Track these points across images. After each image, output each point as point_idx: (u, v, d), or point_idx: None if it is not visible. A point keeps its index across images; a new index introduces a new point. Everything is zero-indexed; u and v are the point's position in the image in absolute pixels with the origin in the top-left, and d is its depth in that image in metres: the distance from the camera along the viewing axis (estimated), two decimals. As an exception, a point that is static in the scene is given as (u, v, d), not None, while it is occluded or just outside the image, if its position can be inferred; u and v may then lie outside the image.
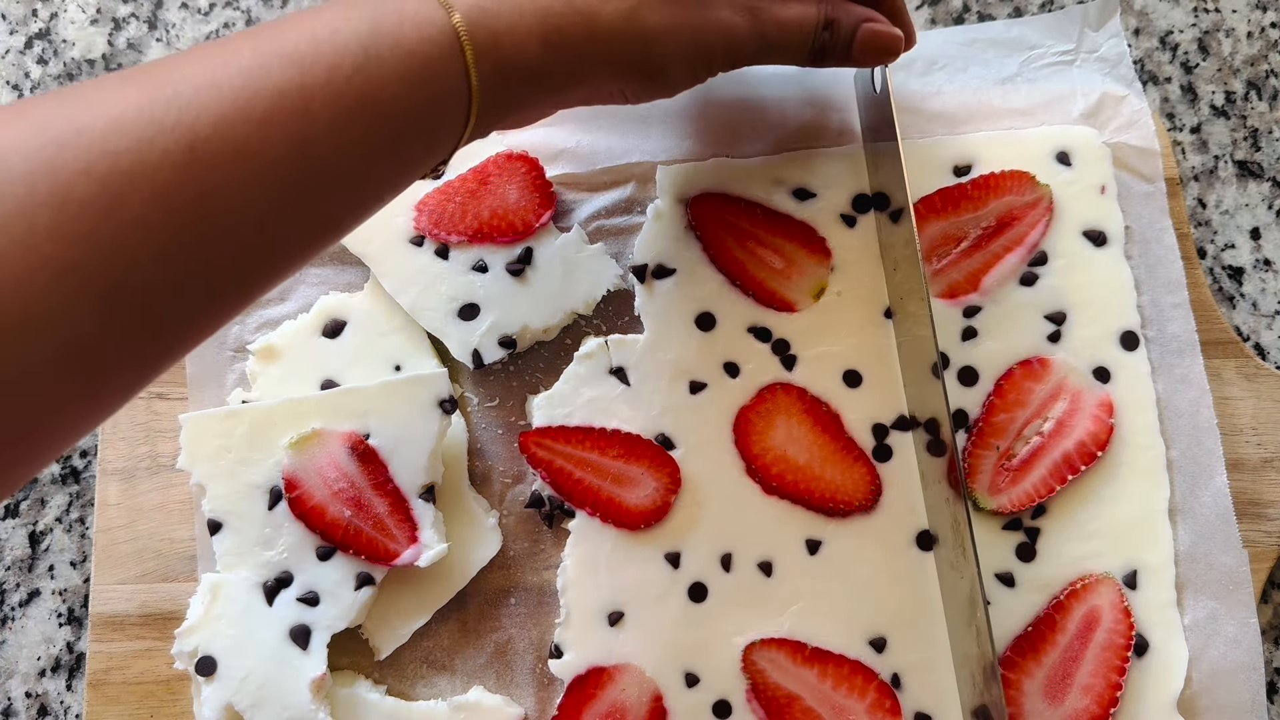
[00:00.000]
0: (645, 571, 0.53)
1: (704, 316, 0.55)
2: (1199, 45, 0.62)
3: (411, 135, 0.39)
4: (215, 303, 0.36)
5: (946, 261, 0.55)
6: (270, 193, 0.35)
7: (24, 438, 0.32)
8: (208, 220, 0.33)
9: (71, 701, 0.55)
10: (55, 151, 0.31)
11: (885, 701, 0.51)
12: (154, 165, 0.32)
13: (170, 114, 0.33)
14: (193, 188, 0.33)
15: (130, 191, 0.32)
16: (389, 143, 0.38)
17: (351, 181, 0.37)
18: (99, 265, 0.31)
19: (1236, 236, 0.59)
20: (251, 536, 0.51)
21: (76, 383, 0.32)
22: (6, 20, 0.63)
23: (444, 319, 0.55)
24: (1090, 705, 0.50)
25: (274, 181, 0.35)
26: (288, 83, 0.35)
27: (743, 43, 0.46)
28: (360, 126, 0.36)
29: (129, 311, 0.32)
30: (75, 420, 0.34)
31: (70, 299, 0.31)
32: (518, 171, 0.56)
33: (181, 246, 0.33)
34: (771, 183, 0.57)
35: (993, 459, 0.53)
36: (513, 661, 0.53)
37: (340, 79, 0.36)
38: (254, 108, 0.34)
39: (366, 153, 0.37)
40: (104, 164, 0.32)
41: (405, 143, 0.39)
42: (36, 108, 0.33)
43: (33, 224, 0.30)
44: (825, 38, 0.48)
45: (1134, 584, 0.52)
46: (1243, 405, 0.55)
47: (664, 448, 0.54)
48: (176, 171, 0.32)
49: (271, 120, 0.34)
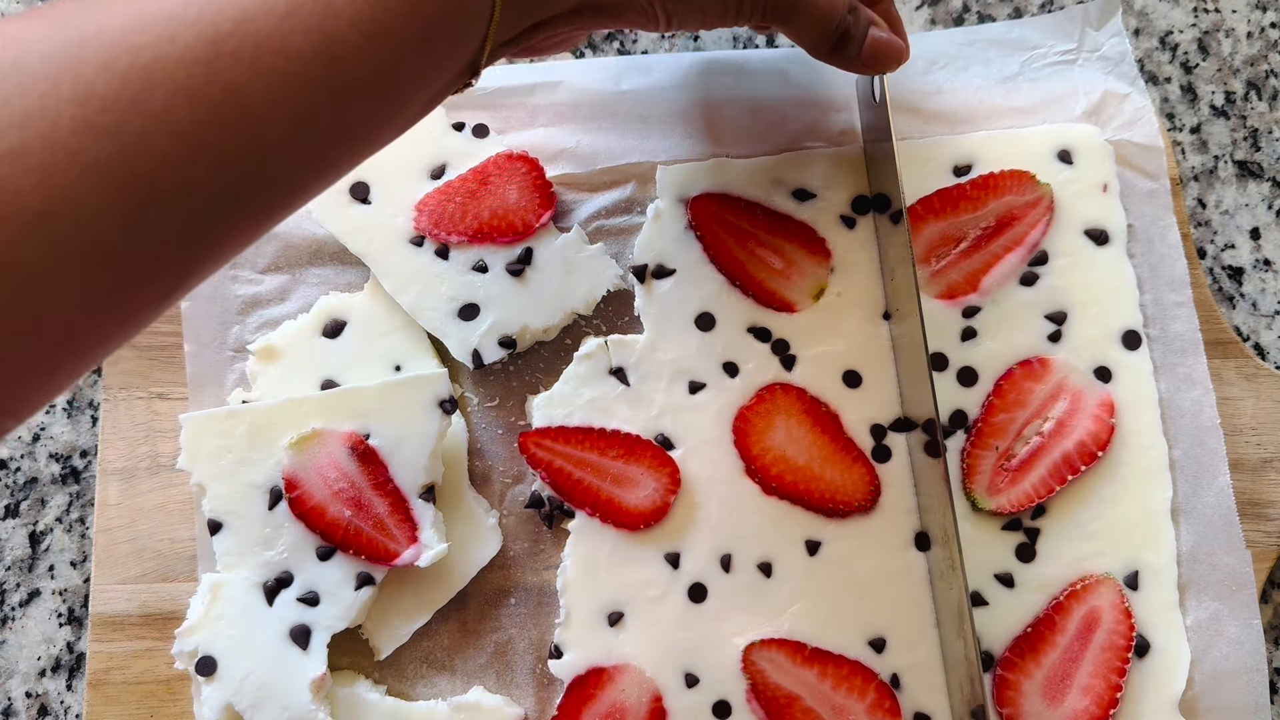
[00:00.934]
0: (645, 572, 0.53)
1: (704, 317, 0.55)
2: (1199, 45, 0.62)
3: (438, 28, 0.37)
4: (243, 212, 0.35)
5: (945, 262, 0.55)
6: (297, 91, 0.34)
7: (43, 346, 0.31)
8: (234, 119, 0.32)
9: (71, 701, 0.55)
10: (76, 48, 0.31)
11: (885, 701, 0.51)
12: (176, 60, 0.31)
13: (191, 9, 0.32)
14: (217, 84, 0.32)
15: (153, 87, 0.31)
16: (415, 36, 0.37)
17: (380, 81, 0.36)
18: (124, 161, 0.30)
19: (1236, 236, 0.59)
20: (251, 536, 0.51)
21: (100, 286, 0.31)
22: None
23: (444, 319, 0.55)
24: (1090, 706, 0.50)
25: (300, 80, 0.34)
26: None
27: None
28: (385, 17, 0.35)
29: (156, 214, 0.31)
30: (97, 332, 0.33)
31: (95, 195, 0.30)
32: (518, 172, 0.56)
33: (208, 146, 0.32)
34: (771, 183, 0.57)
35: (992, 459, 0.53)
36: (513, 662, 0.53)
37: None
38: (275, 2, 0.33)
39: (393, 47, 0.36)
40: (125, 59, 0.31)
41: (432, 37, 0.37)
42: (55, 8, 0.32)
43: (56, 118, 0.30)
44: (850, 21, 0.48)
45: (1136, 584, 0.52)
46: (1243, 405, 0.55)
47: (664, 448, 0.54)
48: (199, 67, 0.32)
49: (294, 15, 0.34)
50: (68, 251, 0.30)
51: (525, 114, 0.58)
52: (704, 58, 0.59)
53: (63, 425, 0.58)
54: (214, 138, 0.32)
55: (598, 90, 0.58)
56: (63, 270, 0.30)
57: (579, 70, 0.58)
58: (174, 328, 0.56)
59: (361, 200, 0.56)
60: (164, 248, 0.33)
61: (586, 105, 0.58)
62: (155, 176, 0.31)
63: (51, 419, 0.58)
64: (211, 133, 0.32)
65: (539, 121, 0.58)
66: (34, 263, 0.30)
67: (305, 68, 0.34)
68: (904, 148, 0.57)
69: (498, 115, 0.58)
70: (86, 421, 0.58)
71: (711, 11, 0.46)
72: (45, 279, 0.30)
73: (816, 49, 0.49)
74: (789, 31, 0.48)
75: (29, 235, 0.29)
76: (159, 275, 0.33)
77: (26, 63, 0.30)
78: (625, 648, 0.52)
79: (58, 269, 0.30)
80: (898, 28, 0.51)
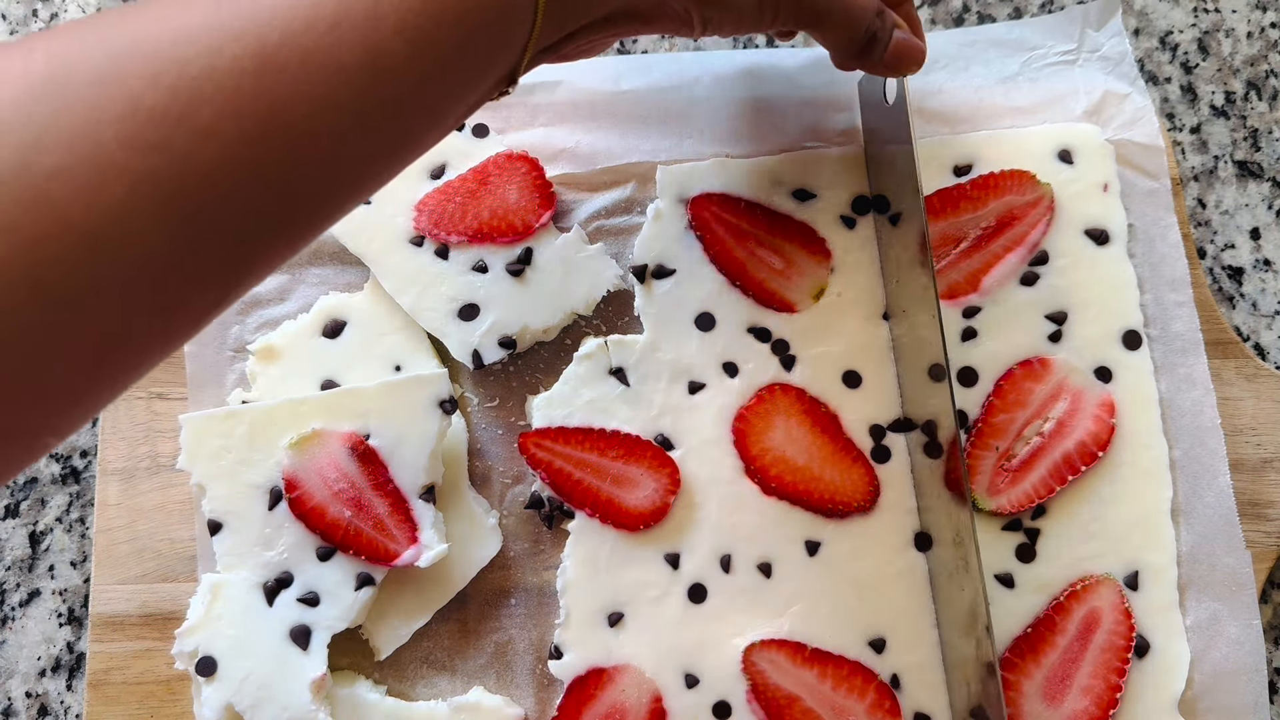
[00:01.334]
0: (645, 572, 0.53)
1: (703, 317, 0.55)
2: (1199, 45, 0.62)
3: (481, 37, 0.37)
4: (289, 224, 0.35)
5: (946, 262, 0.55)
6: (343, 103, 0.34)
7: (90, 362, 0.31)
8: (281, 132, 0.32)
9: (71, 701, 0.55)
10: (123, 61, 0.30)
11: (885, 702, 0.51)
12: (223, 73, 0.31)
13: (237, 22, 0.32)
14: (264, 98, 0.32)
15: (200, 100, 0.31)
16: (458, 45, 0.37)
17: (423, 90, 0.36)
18: (173, 175, 0.30)
19: (1236, 236, 0.59)
20: (251, 537, 0.51)
21: (148, 302, 0.31)
22: (6, 20, 0.63)
23: (444, 319, 0.55)
24: (1089, 706, 0.50)
25: (347, 91, 0.34)
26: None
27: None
28: (429, 26, 0.35)
29: (206, 226, 0.31)
30: (144, 347, 0.33)
31: (145, 210, 0.30)
32: (518, 171, 0.56)
33: (256, 159, 0.32)
34: (771, 183, 0.57)
35: (992, 459, 0.53)
36: (513, 662, 0.53)
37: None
38: (321, 15, 0.33)
39: (437, 56, 0.36)
40: (172, 72, 0.31)
41: (474, 45, 0.37)
42: (100, 21, 0.32)
43: (102, 133, 0.30)
44: (878, 24, 0.48)
45: (1136, 585, 0.52)
46: (1243, 405, 0.55)
47: (663, 448, 0.54)
48: (246, 80, 0.32)
49: (339, 26, 0.33)
50: (116, 268, 0.30)
51: (525, 114, 0.58)
52: (704, 58, 0.59)
53: (63, 425, 0.58)
54: (261, 151, 0.32)
55: (598, 90, 0.58)
56: (111, 287, 0.30)
57: (579, 70, 0.58)
58: (174, 328, 0.56)
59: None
60: (211, 261, 0.32)
61: (586, 105, 0.58)
62: (203, 191, 0.31)
63: (51, 419, 0.58)
64: (258, 146, 0.32)
65: (539, 121, 0.58)
66: (83, 280, 0.29)
67: (351, 79, 0.34)
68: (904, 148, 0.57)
69: (498, 115, 0.58)
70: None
71: (747, 17, 0.46)
72: (94, 296, 0.30)
73: (844, 52, 0.49)
74: (818, 36, 0.48)
75: (77, 253, 0.29)
76: (206, 288, 0.33)
77: (73, 78, 0.30)
78: (625, 648, 0.52)
79: (106, 285, 0.30)
80: (917, 29, 0.51)
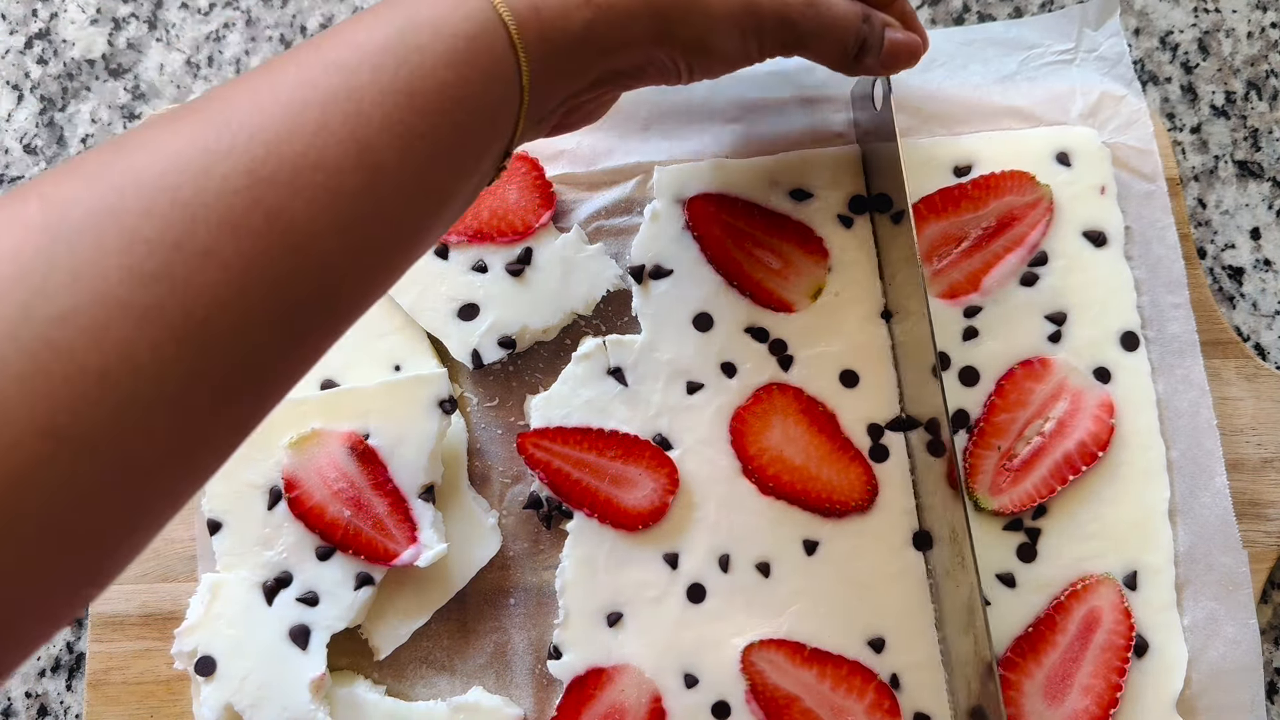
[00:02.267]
0: (643, 572, 0.53)
1: (701, 317, 0.55)
2: (1199, 45, 0.62)
3: (469, 120, 0.38)
4: (303, 333, 0.34)
5: (947, 262, 0.55)
6: (339, 204, 0.33)
7: (126, 502, 0.30)
8: (280, 243, 0.32)
9: (71, 701, 0.55)
10: (116, 197, 0.30)
11: (884, 702, 0.51)
12: (215, 193, 0.31)
13: (224, 140, 0.32)
14: (259, 210, 0.32)
15: (195, 223, 0.31)
16: (448, 132, 0.37)
17: (419, 181, 0.36)
18: (177, 304, 0.30)
19: (1236, 236, 0.59)
20: (251, 536, 0.52)
21: (171, 435, 0.30)
22: (6, 20, 0.63)
23: (444, 319, 0.55)
24: (1090, 706, 0.50)
25: (340, 192, 0.33)
26: (335, 89, 0.34)
27: (795, 18, 0.45)
28: (415, 118, 0.35)
29: (216, 352, 0.31)
30: (177, 479, 0.32)
31: (152, 344, 0.29)
32: (518, 171, 0.56)
33: (258, 274, 0.31)
34: (769, 183, 0.57)
35: (994, 459, 0.53)
36: (512, 662, 0.53)
37: (386, 76, 0.35)
38: (305, 120, 0.33)
39: (428, 147, 0.36)
40: (164, 200, 0.30)
41: (465, 130, 0.37)
42: (92, 157, 0.32)
43: (104, 272, 0.29)
44: (865, 31, 0.48)
45: (1134, 585, 0.52)
46: (1243, 405, 0.55)
47: (661, 448, 0.54)
48: (239, 197, 0.31)
49: (325, 129, 0.33)
50: (133, 406, 0.29)
51: (525, 114, 0.58)
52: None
53: (63, 425, 0.58)
54: (263, 264, 0.32)
55: (597, 90, 0.58)
56: (131, 426, 0.29)
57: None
58: (174, 328, 0.56)
59: (361, 200, 0.56)
60: (229, 385, 0.32)
61: (586, 105, 0.58)
62: (210, 313, 0.30)
63: (52, 419, 0.58)
64: (260, 260, 0.32)
65: (538, 121, 0.58)
66: (101, 423, 0.29)
67: (344, 180, 0.33)
68: (904, 147, 0.57)
69: (497, 115, 0.58)
70: (87, 421, 0.58)
71: (733, 58, 0.46)
72: (115, 438, 0.29)
73: (838, 65, 0.49)
74: (808, 55, 0.48)
75: (92, 395, 0.28)
76: (228, 413, 0.33)
77: (68, 221, 0.30)
78: (624, 648, 0.52)
79: (124, 425, 0.29)
80: (913, 24, 0.50)
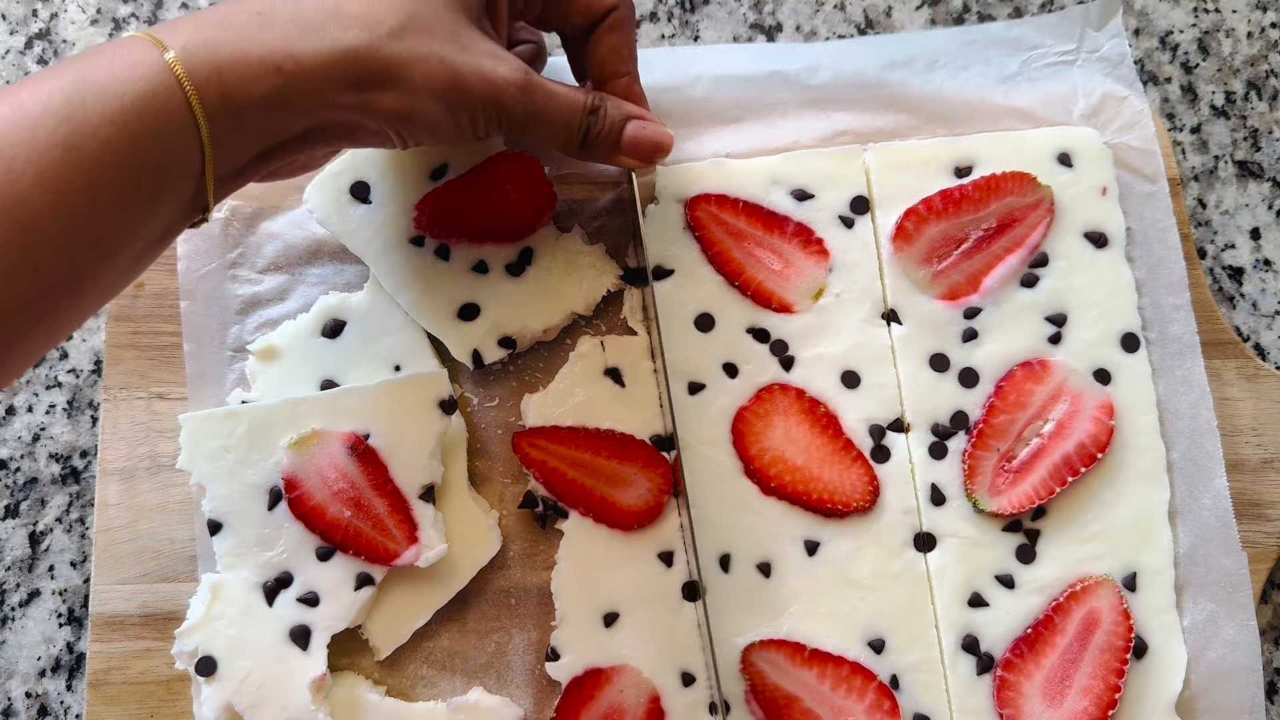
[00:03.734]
0: (640, 572, 0.53)
1: (703, 317, 0.55)
2: (1199, 45, 0.62)
3: (137, 174, 0.38)
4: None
5: (947, 263, 0.55)
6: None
7: None
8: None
9: (71, 701, 0.55)
10: None
11: (884, 702, 0.51)
12: None
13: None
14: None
15: None
16: (111, 187, 0.37)
17: (78, 233, 0.37)
18: None
19: (1236, 236, 0.59)
20: (251, 537, 0.51)
21: None
22: (6, 20, 0.63)
23: (444, 319, 0.55)
24: (1089, 707, 0.50)
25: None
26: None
27: (507, 101, 0.45)
28: (74, 173, 0.36)
29: None
30: None
31: None
32: (518, 172, 0.56)
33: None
34: (769, 184, 0.56)
35: (994, 460, 0.53)
36: (512, 662, 0.53)
37: (44, 133, 0.36)
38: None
39: (87, 203, 0.37)
40: None
41: (131, 184, 0.38)
42: None
43: None
44: (591, 122, 0.47)
45: (1134, 586, 0.52)
46: (1243, 406, 0.55)
47: (662, 448, 0.54)
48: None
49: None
50: None
51: (525, 114, 0.58)
52: (703, 57, 0.59)
53: (63, 425, 0.58)
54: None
55: (597, 90, 0.58)
56: None
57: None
58: (174, 328, 0.56)
59: (361, 200, 0.56)
60: None
61: (586, 105, 0.58)
62: None
63: (51, 419, 0.58)
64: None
65: (539, 122, 0.58)
66: None
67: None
68: (906, 147, 0.57)
69: (497, 115, 0.58)
70: (86, 422, 0.58)
71: (443, 132, 0.46)
72: None
73: (565, 151, 0.49)
74: (534, 140, 0.48)
75: None
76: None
77: None
78: (622, 648, 0.52)
79: None
80: (643, 104, 0.50)
